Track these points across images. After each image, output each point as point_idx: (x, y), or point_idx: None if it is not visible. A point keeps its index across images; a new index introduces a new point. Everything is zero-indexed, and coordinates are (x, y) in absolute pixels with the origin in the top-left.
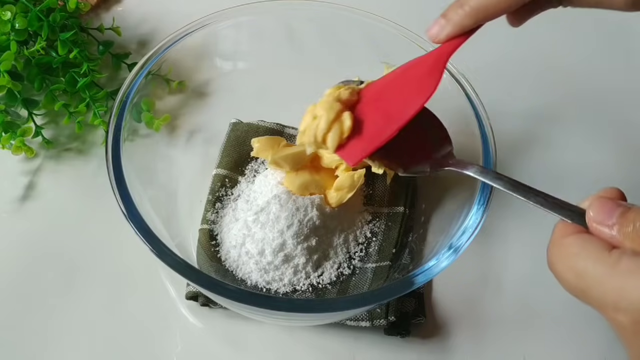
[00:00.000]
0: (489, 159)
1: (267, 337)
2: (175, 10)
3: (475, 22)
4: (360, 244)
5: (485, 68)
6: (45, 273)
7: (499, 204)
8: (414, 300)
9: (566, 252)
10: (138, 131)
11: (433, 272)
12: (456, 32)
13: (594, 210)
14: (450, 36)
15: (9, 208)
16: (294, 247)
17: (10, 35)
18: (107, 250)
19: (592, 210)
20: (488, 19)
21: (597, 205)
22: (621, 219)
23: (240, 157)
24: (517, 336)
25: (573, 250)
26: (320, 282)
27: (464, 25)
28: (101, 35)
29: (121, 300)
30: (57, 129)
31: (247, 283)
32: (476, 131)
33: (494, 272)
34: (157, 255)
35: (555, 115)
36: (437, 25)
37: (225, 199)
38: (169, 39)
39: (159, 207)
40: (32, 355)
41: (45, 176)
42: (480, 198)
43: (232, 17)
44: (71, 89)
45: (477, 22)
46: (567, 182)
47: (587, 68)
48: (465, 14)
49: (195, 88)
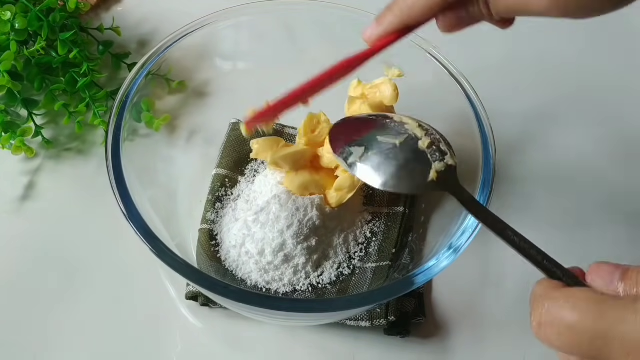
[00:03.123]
0: (489, 159)
1: (267, 337)
2: (175, 10)
3: (403, 23)
4: (360, 244)
5: (485, 68)
6: (45, 273)
7: (499, 204)
8: (414, 300)
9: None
10: (138, 131)
11: (433, 272)
12: (387, 31)
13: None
14: (381, 36)
15: (9, 208)
16: (294, 247)
17: (10, 35)
18: (107, 250)
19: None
20: (414, 19)
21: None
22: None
23: (240, 157)
24: (517, 336)
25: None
26: (320, 282)
27: (393, 25)
28: (101, 35)
29: (121, 300)
30: (57, 129)
31: (247, 283)
32: (476, 131)
33: (494, 272)
34: (157, 255)
35: (555, 115)
36: (371, 27)
37: (225, 199)
38: (169, 39)
39: (159, 207)
40: (32, 355)
41: (45, 176)
42: (480, 198)
43: (232, 17)
44: (71, 89)
45: (405, 22)
46: (567, 182)
47: (587, 68)
48: (394, 16)
49: (195, 88)
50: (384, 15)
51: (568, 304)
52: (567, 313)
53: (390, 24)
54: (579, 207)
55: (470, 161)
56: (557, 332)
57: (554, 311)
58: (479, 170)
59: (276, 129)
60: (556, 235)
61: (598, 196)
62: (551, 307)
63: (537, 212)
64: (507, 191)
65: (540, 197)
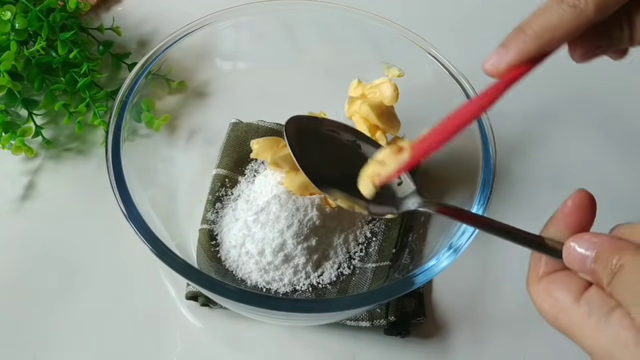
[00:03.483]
0: (489, 159)
1: (267, 337)
2: (175, 10)
3: (540, 48)
4: (360, 244)
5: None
6: (45, 273)
7: (499, 204)
8: (414, 300)
9: (546, 298)
10: (138, 131)
11: (433, 272)
12: (519, 59)
13: (567, 260)
14: (511, 65)
15: (9, 208)
16: (294, 247)
17: (10, 35)
18: (107, 250)
19: (565, 261)
20: (553, 42)
21: (567, 253)
22: (595, 265)
23: (240, 157)
24: (517, 336)
25: (551, 297)
26: (320, 282)
27: (528, 50)
28: (101, 35)
29: (121, 300)
30: (57, 129)
31: (247, 283)
32: (476, 131)
33: (494, 272)
34: (157, 255)
35: (555, 115)
36: (495, 55)
37: (225, 199)
38: (169, 39)
39: (159, 207)
40: (32, 355)
41: (45, 176)
42: (480, 198)
43: (232, 17)
44: (71, 89)
45: (542, 47)
46: (567, 182)
47: (588, 68)
48: (529, 38)
49: (195, 88)
50: (514, 37)
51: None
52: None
53: (523, 50)
54: None
55: (470, 161)
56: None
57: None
58: (479, 170)
59: (276, 129)
60: None
61: (598, 196)
62: (534, 298)
63: (537, 212)
64: (507, 191)
65: (540, 197)
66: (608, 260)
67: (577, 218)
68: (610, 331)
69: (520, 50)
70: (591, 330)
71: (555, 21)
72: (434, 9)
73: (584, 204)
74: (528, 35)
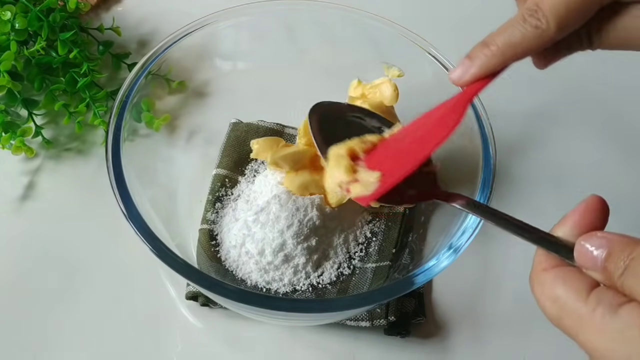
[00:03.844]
0: (489, 159)
1: (267, 337)
2: (175, 10)
3: (503, 63)
4: (360, 244)
5: None
6: (45, 273)
7: (499, 204)
8: (414, 300)
9: (549, 291)
10: (138, 131)
11: (433, 272)
12: (482, 73)
13: (578, 258)
14: (475, 77)
15: (9, 208)
16: (294, 247)
17: (10, 35)
18: (107, 250)
19: (577, 259)
20: (515, 58)
21: (578, 251)
22: (607, 262)
23: (240, 157)
24: (517, 336)
25: (554, 291)
26: (320, 282)
27: (490, 65)
28: (101, 35)
29: (121, 300)
30: (57, 129)
31: (247, 283)
32: (476, 131)
33: (494, 272)
34: (157, 255)
35: (555, 115)
36: (461, 66)
37: (225, 199)
38: (169, 39)
39: (159, 207)
40: (33, 355)
41: (45, 176)
42: (480, 198)
43: (232, 17)
44: (71, 89)
45: (505, 62)
46: (567, 181)
47: (587, 67)
48: (492, 54)
49: (195, 88)
50: (478, 51)
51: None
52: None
53: (487, 63)
54: None
55: (471, 161)
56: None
57: (536, 293)
58: (479, 170)
59: (276, 129)
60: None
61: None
62: (536, 291)
63: (538, 212)
64: (507, 191)
65: (540, 197)
66: (620, 256)
67: (589, 221)
68: (617, 325)
69: (484, 65)
70: (595, 326)
71: (518, 39)
72: (434, 9)
73: (597, 208)
74: (491, 51)
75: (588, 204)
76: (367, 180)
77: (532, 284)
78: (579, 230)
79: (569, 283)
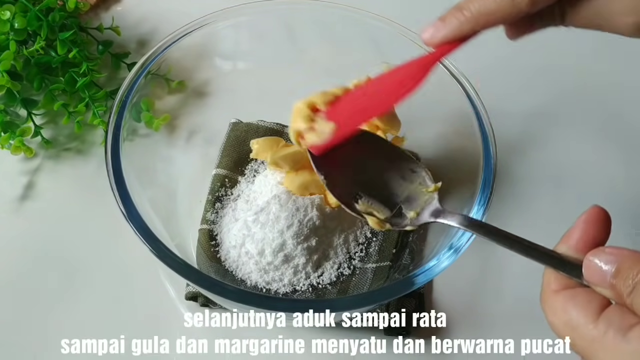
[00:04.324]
0: (490, 159)
1: (267, 338)
2: (174, 10)
3: (473, 29)
4: (361, 244)
5: (485, 68)
6: (44, 273)
7: (499, 204)
8: (414, 300)
9: (561, 314)
10: (137, 131)
11: (433, 272)
12: (452, 36)
13: (587, 275)
14: (445, 39)
15: (9, 208)
16: (294, 247)
17: (10, 35)
18: (107, 251)
19: (585, 275)
20: (487, 26)
21: (586, 267)
22: (616, 279)
23: (240, 157)
24: (517, 336)
25: (566, 314)
26: (320, 283)
27: (462, 30)
28: (100, 35)
29: (121, 300)
30: (57, 128)
31: (247, 283)
32: (477, 131)
33: (494, 272)
34: (157, 255)
35: (555, 115)
36: (432, 27)
37: (225, 199)
38: (168, 38)
39: (158, 207)
40: (32, 355)
41: (44, 176)
42: (480, 198)
43: (232, 17)
44: (70, 89)
45: (475, 28)
46: (567, 181)
47: (587, 67)
48: (465, 19)
49: (195, 88)
50: (451, 15)
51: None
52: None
53: (459, 28)
54: (579, 207)
55: (471, 161)
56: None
57: (548, 316)
58: (480, 170)
59: (276, 129)
60: (557, 235)
61: (599, 196)
62: (547, 313)
63: (538, 212)
64: (508, 191)
65: (540, 197)
66: (629, 273)
67: (592, 235)
68: (629, 347)
69: (455, 28)
70: (608, 349)
71: (492, 8)
72: (434, 9)
73: (599, 219)
74: (465, 16)
75: (589, 216)
76: (322, 130)
77: (544, 306)
78: (584, 245)
79: (580, 306)
